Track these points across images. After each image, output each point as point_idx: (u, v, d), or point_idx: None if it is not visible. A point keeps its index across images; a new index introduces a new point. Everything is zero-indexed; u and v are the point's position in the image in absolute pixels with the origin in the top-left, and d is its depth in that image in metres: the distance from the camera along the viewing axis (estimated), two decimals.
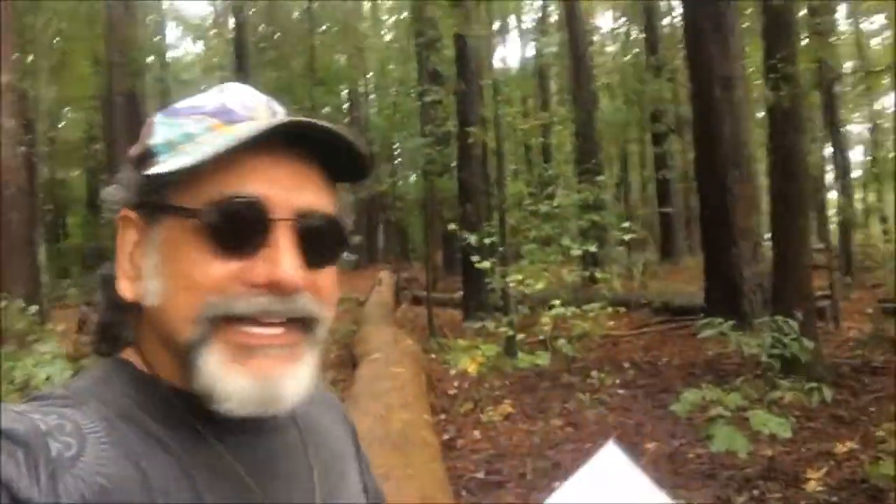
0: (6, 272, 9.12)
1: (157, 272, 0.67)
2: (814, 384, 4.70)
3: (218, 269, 0.64)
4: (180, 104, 0.73)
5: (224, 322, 0.64)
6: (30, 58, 13.95)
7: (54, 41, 18.41)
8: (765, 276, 7.72)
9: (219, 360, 0.63)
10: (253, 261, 0.64)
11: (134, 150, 0.72)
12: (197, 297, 0.63)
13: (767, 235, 8.01)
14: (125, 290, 0.69)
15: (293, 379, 0.66)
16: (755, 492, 4.16)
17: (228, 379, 0.63)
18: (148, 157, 0.69)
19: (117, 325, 0.73)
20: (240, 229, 0.64)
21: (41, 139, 14.13)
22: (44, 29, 16.30)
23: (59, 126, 22.88)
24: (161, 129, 0.70)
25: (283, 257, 0.64)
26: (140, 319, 0.71)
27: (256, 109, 0.71)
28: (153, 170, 0.66)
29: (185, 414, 0.67)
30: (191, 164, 0.62)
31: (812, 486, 3.98)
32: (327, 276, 0.70)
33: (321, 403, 0.87)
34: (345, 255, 0.72)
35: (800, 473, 4.24)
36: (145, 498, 0.61)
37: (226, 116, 0.69)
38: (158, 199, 0.67)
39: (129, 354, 0.72)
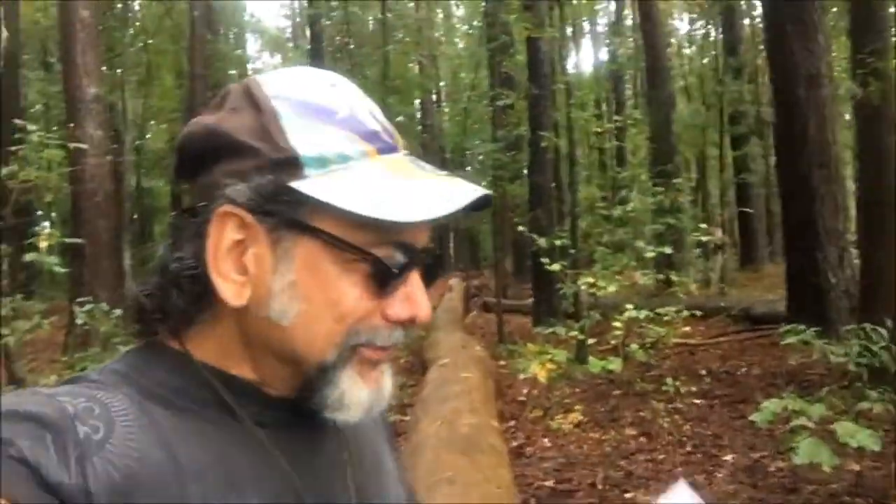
0: (93, 277, 9.53)
1: (296, 293, 0.65)
2: None
3: (365, 304, 0.66)
4: (301, 98, 0.67)
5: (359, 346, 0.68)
6: (118, 71, 14.57)
7: (141, 55, 19.22)
8: (852, 282, 7.35)
9: (351, 378, 0.68)
10: (393, 298, 0.67)
11: (266, 147, 0.65)
12: (344, 326, 0.66)
13: (854, 240, 7.64)
14: (228, 293, 0.65)
15: (390, 387, 0.72)
16: None
17: (356, 392, 0.68)
18: (291, 164, 0.64)
19: (178, 313, 0.68)
20: (395, 274, 0.66)
21: (128, 149, 14.72)
22: (131, 43, 17.07)
23: (146, 137, 23.81)
24: (299, 131, 0.65)
25: (423, 298, 0.68)
26: (217, 315, 0.68)
27: (392, 131, 0.70)
28: (305, 187, 0.63)
29: (226, 400, 0.66)
30: (388, 220, 0.61)
31: None
32: None
33: None
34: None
35: (889, 490, 4.00)
36: (176, 483, 0.60)
37: (377, 142, 0.67)
38: (297, 214, 0.64)
39: (164, 337, 0.69)
